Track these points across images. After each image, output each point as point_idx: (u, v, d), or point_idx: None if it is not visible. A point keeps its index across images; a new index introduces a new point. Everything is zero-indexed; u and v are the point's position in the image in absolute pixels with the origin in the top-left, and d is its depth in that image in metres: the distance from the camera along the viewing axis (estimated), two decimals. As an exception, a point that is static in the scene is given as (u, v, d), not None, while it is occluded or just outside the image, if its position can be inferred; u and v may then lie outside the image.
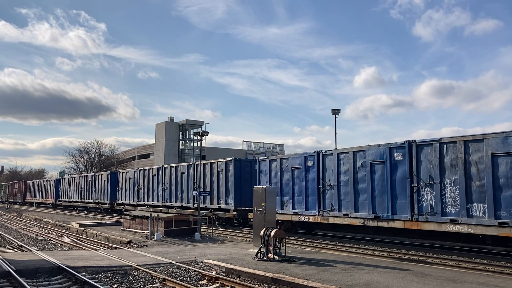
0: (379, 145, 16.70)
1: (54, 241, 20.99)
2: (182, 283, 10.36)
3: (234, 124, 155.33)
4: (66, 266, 11.69)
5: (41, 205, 61.00)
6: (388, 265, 12.20)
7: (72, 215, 39.95)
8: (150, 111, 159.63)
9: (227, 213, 25.07)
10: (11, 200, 73.27)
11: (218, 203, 25.94)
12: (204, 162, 27.29)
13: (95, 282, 10.11)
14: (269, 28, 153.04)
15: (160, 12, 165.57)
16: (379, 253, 15.37)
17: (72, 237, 22.63)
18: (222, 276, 11.03)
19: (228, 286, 10.34)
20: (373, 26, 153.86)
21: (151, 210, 29.13)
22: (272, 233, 13.26)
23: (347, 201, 17.72)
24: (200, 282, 10.87)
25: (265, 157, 22.44)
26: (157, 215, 21.60)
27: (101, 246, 18.60)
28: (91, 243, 19.87)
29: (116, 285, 10.34)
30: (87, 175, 46.75)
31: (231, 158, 25.66)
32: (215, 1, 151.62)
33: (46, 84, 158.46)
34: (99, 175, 43.01)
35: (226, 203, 25.28)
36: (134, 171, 35.89)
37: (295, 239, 19.62)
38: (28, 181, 71.25)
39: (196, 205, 26.03)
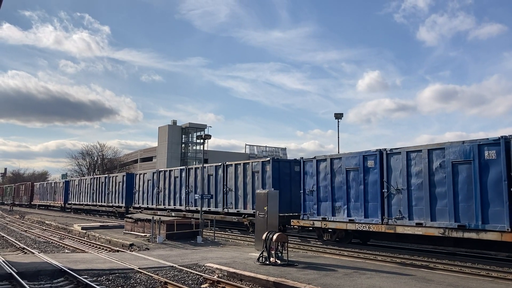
0: (463, 142, 14.48)
1: (56, 244, 21.00)
2: (184, 286, 10.34)
3: (236, 128, 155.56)
4: (68, 269, 11.69)
5: (49, 208, 59.32)
6: (391, 270, 12.15)
7: (80, 218, 39.92)
8: (153, 114, 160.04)
9: None
10: (16, 203, 72.09)
11: (253, 208, 22.24)
12: (236, 162, 25.20)
13: (97, 285, 10.11)
14: (272, 32, 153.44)
15: (164, 15, 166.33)
16: (382, 258, 15.31)
17: (74, 240, 22.63)
18: (223, 280, 11.01)
19: (229, 290, 10.31)
20: (376, 30, 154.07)
21: (173, 214, 28.02)
22: (274, 237, 13.24)
23: (420, 207, 15.34)
24: (202, 286, 10.84)
25: (312, 157, 19.93)
26: (159, 218, 21.61)
27: (103, 249, 18.60)
28: (93, 245, 19.87)
29: (117, 288, 10.33)
30: (99, 177, 44.55)
31: (268, 158, 23.25)
32: (219, 5, 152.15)
33: (49, 87, 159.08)
34: (113, 176, 40.84)
35: None
36: (153, 173, 33.58)
37: (297, 243, 19.58)
38: (35, 183, 69.60)
39: (225, 210, 24.96)
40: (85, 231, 24.64)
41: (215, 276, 11.52)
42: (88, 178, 47.36)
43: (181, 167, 30.74)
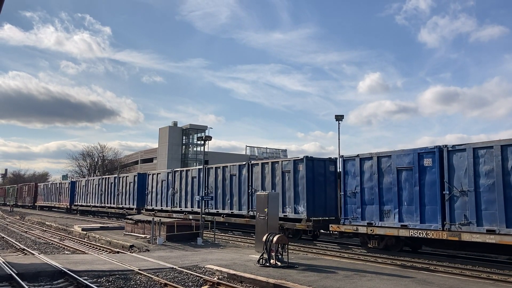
0: None
1: (56, 245, 20.98)
2: (184, 288, 10.32)
3: (237, 129, 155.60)
4: (68, 270, 11.68)
5: (53, 209, 57.78)
6: (391, 272, 12.13)
7: (81, 219, 39.91)
8: (153, 115, 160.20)
9: (296, 223, 20.57)
10: (19, 204, 70.70)
11: (284, 211, 21.19)
12: (263, 161, 23.53)
13: (96, 286, 10.10)
14: (273, 33, 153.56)
15: (164, 16, 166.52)
16: (382, 260, 15.29)
17: (74, 241, 22.62)
18: (224, 282, 11.00)
19: (230, 291, 10.30)
20: (377, 32, 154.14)
21: (190, 217, 26.52)
22: (275, 239, 13.23)
23: (491, 212, 13.72)
24: (202, 288, 10.84)
25: (354, 155, 18.21)
26: (160, 219, 21.60)
27: (103, 250, 18.59)
28: (93, 247, 19.86)
29: (117, 290, 10.32)
30: (108, 177, 42.50)
31: (301, 157, 20.98)
32: (219, 6, 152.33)
33: (50, 88, 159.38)
34: (123, 177, 38.88)
35: (295, 211, 20.76)
36: (168, 173, 31.55)
37: (298, 245, 19.55)
38: (38, 184, 68.07)
39: (251, 213, 22.84)
40: (85, 232, 24.62)
41: (215, 278, 11.51)
42: (96, 178, 45.25)
43: (199, 167, 28.47)
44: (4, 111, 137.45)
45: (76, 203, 48.68)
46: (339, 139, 42.38)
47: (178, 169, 31.05)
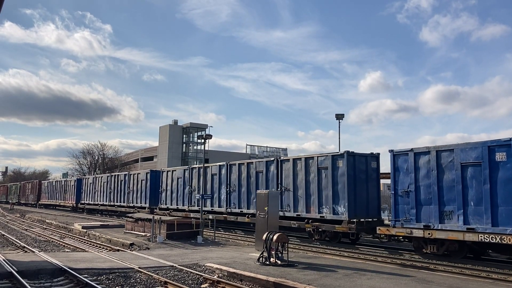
0: None
1: (56, 243, 21.02)
2: (184, 286, 10.34)
3: (237, 128, 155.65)
4: (68, 268, 11.69)
5: (57, 207, 55.97)
6: (391, 271, 12.14)
7: (81, 217, 39.92)
8: (154, 113, 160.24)
9: (336, 225, 18.62)
10: (22, 202, 69.27)
11: (320, 212, 19.42)
12: (295, 157, 21.36)
13: (97, 284, 10.11)
14: (273, 32, 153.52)
15: (165, 15, 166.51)
16: (382, 259, 15.30)
17: (74, 239, 22.66)
18: (223, 280, 11.01)
19: (229, 290, 10.31)
20: (378, 30, 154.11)
21: (211, 217, 24.77)
22: (275, 237, 13.23)
23: None
24: (202, 286, 10.84)
25: (407, 149, 16.42)
26: (160, 217, 21.61)
27: (103, 248, 18.61)
28: (93, 245, 19.89)
29: (117, 287, 10.33)
30: (118, 174, 40.25)
31: (341, 152, 19.15)
32: (220, 4, 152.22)
33: (51, 86, 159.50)
34: (134, 174, 37.04)
35: (334, 212, 18.82)
36: (185, 170, 29.69)
37: (297, 244, 19.57)
38: (42, 181, 66.37)
39: (281, 213, 20.14)
40: (85, 230, 24.65)
41: (215, 276, 11.52)
42: (105, 175, 43.16)
43: (221, 163, 26.59)
44: (5, 109, 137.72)
45: (82, 202, 47.06)
46: (339, 138, 42.39)
47: (196, 166, 29.30)
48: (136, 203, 35.36)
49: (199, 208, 26.04)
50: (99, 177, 44.09)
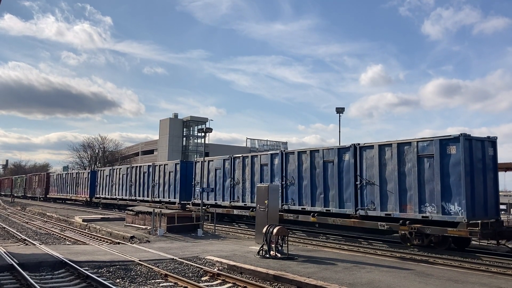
0: None
1: (57, 235, 21.09)
2: (184, 279, 10.39)
3: (238, 121, 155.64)
4: (69, 260, 11.74)
5: (67, 201, 53.44)
6: (390, 265, 12.19)
7: (86, 211, 40.01)
8: (154, 106, 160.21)
9: (448, 228, 14.94)
10: (29, 195, 66.89)
11: (421, 211, 15.84)
12: (381, 143, 17.32)
13: (97, 276, 10.16)
14: (274, 25, 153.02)
15: (165, 7, 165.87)
16: (381, 252, 15.35)
17: (75, 232, 22.73)
18: (224, 273, 11.06)
19: (229, 282, 10.37)
20: (380, 23, 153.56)
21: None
22: (275, 230, 13.27)
23: None
24: (202, 279, 10.90)
25: None
26: (160, 211, 21.67)
27: (104, 241, 18.68)
28: (94, 238, 19.96)
29: (118, 280, 10.38)
30: (141, 166, 37.06)
31: (454, 135, 15.39)
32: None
33: (51, 79, 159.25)
34: (161, 165, 33.83)
35: (443, 212, 15.26)
36: (225, 160, 26.08)
37: (297, 237, 19.63)
38: (51, 173, 63.73)
39: (361, 212, 17.60)
40: (86, 223, 24.73)
41: (215, 269, 11.57)
42: (124, 167, 40.16)
43: (274, 152, 23.22)
44: (5, 102, 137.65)
45: (97, 195, 43.72)
46: (339, 131, 42.38)
47: (240, 155, 25.42)
48: (163, 197, 32.15)
49: (245, 204, 23.64)
50: (117, 169, 41.05)
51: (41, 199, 61.00)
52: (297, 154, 20.96)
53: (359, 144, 18.09)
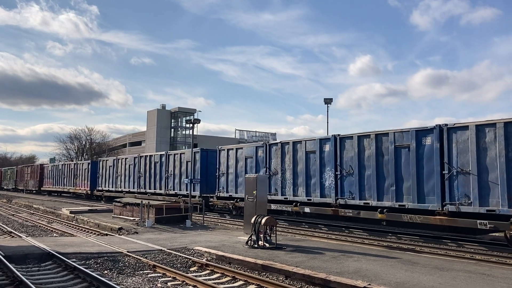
0: None
1: (44, 228, 20.91)
2: (173, 269, 10.39)
3: (226, 112, 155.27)
4: (56, 252, 11.66)
5: (62, 194, 50.67)
6: (378, 253, 12.32)
7: (74, 203, 39.65)
8: (142, 98, 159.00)
9: None
10: (20, 188, 63.04)
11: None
12: (479, 123, 14.16)
13: (85, 268, 10.09)
14: (262, 14, 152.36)
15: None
16: (369, 241, 15.51)
17: (62, 224, 22.56)
18: (212, 263, 11.08)
19: (218, 273, 10.39)
20: (369, 13, 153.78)
21: (307, 210, 19.08)
22: (263, 220, 13.32)
23: None
24: (191, 269, 10.91)
25: None
26: (148, 202, 21.59)
27: (91, 232, 18.58)
28: (81, 229, 19.83)
29: (106, 271, 10.35)
30: (152, 155, 33.51)
31: None
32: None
33: (36, 69, 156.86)
34: (176, 154, 30.31)
35: None
36: (257, 147, 22.66)
37: (286, 227, 19.72)
38: (45, 165, 59.69)
39: (450, 208, 14.17)
40: (73, 215, 24.56)
41: (203, 260, 11.58)
42: (131, 157, 36.54)
43: (323, 137, 19.29)
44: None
45: (99, 188, 40.38)
46: (327, 122, 42.54)
47: (277, 141, 21.83)
48: (180, 190, 29.06)
49: (286, 198, 20.37)
50: (122, 159, 37.69)
51: (34, 192, 57.84)
52: (356, 138, 17.69)
53: (446, 125, 14.96)
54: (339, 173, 18.20)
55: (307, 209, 19.03)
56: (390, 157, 16.33)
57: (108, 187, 38.86)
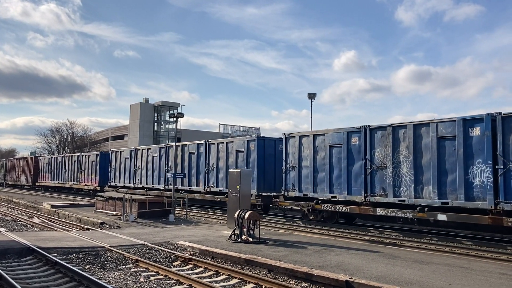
0: None
1: (24, 222, 20.61)
2: (155, 264, 10.35)
3: (210, 107, 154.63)
4: (36, 247, 11.51)
5: (62, 190, 44.72)
6: (359, 247, 12.48)
7: (54, 197, 39.08)
8: (125, 91, 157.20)
9: None
10: (10, 183, 57.59)
11: None
12: None
13: (66, 262, 9.99)
14: (247, 8, 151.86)
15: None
16: (351, 235, 15.68)
17: (43, 218, 22.26)
18: (195, 258, 11.08)
19: (201, 267, 10.40)
20: (354, 9, 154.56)
21: (344, 209, 17.29)
22: (247, 215, 13.36)
23: None
24: (174, 263, 10.89)
25: None
26: (131, 196, 21.44)
27: (73, 227, 18.39)
28: (63, 224, 19.61)
29: (88, 266, 10.26)
30: (187, 144, 27.55)
31: None
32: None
33: (16, 61, 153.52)
34: (221, 143, 25.05)
35: None
36: (349, 134, 17.57)
37: (269, 221, 19.80)
38: (40, 157, 53.38)
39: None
40: (54, 210, 24.24)
41: (187, 254, 11.57)
42: (156, 147, 31.32)
43: (467, 117, 14.14)
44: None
45: (112, 184, 35.06)
46: (311, 117, 42.78)
47: (386, 124, 16.50)
48: (226, 187, 21.90)
49: (402, 201, 15.29)
50: (142, 150, 32.12)
51: (27, 187, 52.16)
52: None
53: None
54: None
55: (442, 216, 14.22)
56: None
57: (124, 182, 33.46)
